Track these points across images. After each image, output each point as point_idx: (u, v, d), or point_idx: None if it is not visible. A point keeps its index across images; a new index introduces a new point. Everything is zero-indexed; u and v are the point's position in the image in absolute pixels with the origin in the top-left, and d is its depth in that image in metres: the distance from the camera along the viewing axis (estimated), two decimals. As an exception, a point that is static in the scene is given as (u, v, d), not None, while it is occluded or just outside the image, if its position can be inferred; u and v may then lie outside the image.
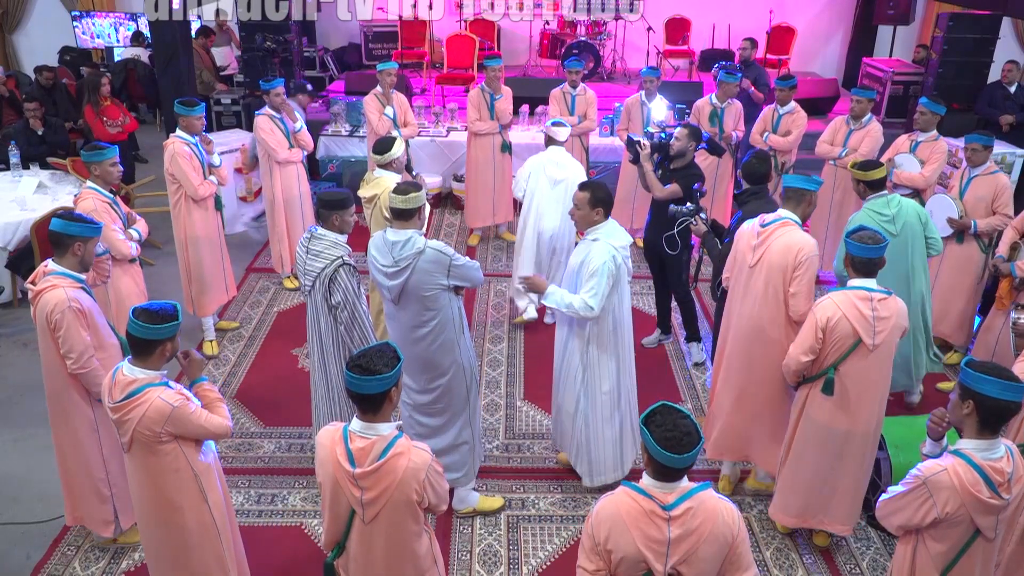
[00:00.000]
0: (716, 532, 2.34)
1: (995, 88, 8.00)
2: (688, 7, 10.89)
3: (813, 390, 3.66)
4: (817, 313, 3.51)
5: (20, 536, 4.05)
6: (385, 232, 3.70)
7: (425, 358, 3.76)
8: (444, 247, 3.68)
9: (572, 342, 4.06)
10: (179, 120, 5.39)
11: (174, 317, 2.95)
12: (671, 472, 2.34)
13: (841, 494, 3.77)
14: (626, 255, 3.97)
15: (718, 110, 6.79)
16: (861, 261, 3.47)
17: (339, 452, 2.60)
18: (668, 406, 2.37)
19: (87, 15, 11.28)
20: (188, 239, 5.47)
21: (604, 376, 4.06)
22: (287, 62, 8.44)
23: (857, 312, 3.45)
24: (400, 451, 2.60)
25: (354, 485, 2.59)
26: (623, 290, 4.00)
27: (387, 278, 3.67)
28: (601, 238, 3.92)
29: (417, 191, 3.66)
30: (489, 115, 7.00)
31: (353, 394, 2.58)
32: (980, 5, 8.13)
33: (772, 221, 3.91)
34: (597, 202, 3.94)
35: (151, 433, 2.89)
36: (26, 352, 5.63)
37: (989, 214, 5.24)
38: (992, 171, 5.30)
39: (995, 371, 2.58)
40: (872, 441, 3.72)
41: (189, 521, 3.07)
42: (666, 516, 2.32)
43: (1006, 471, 2.58)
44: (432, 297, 3.67)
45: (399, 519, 2.66)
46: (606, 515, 2.38)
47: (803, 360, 3.55)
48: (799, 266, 3.76)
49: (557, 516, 4.23)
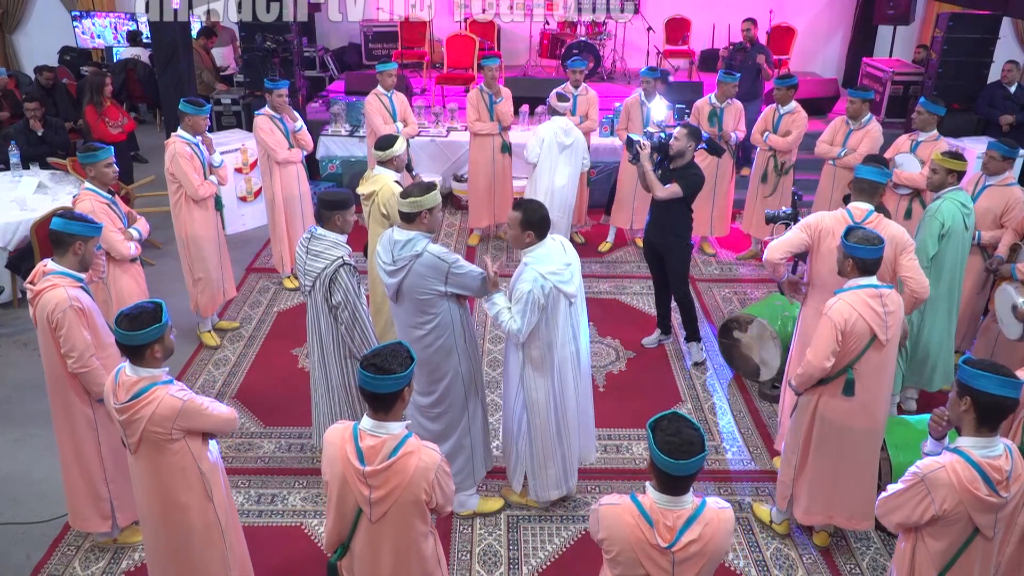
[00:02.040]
0: (718, 550, 2.43)
1: (995, 88, 8.00)
2: (688, 7, 10.89)
3: (825, 393, 3.65)
4: (833, 316, 3.47)
5: (20, 536, 4.05)
6: (393, 230, 3.70)
7: (423, 359, 3.75)
8: (446, 254, 3.63)
9: (512, 358, 3.92)
10: (184, 119, 5.38)
11: (156, 319, 2.90)
12: (673, 482, 2.36)
13: (865, 489, 3.78)
14: (561, 279, 3.68)
15: (717, 110, 6.79)
16: (872, 263, 3.48)
17: (349, 450, 2.60)
18: (678, 415, 2.40)
19: (87, 15, 11.29)
20: (189, 239, 5.47)
21: (540, 396, 3.88)
22: (287, 62, 8.43)
23: (871, 310, 3.45)
24: (411, 450, 2.60)
25: (363, 483, 2.59)
26: (559, 314, 3.75)
27: (387, 275, 3.68)
28: (531, 263, 3.67)
29: (421, 195, 3.61)
30: (489, 115, 7.00)
31: (366, 392, 2.59)
32: (980, 5, 8.13)
33: (868, 215, 3.94)
34: (528, 224, 3.67)
35: (162, 431, 2.90)
36: (26, 352, 5.63)
37: (997, 226, 5.06)
38: (1009, 183, 5.06)
39: (992, 368, 2.59)
40: (883, 431, 3.76)
41: (194, 520, 3.08)
42: (670, 555, 2.37)
43: (1004, 469, 2.58)
44: (428, 301, 3.65)
45: (406, 519, 2.66)
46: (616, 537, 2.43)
47: (826, 365, 3.51)
48: (907, 249, 3.90)
49: (557, 516, 4.23)
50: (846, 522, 3.87)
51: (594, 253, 7.36)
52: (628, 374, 5.54)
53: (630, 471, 4.58)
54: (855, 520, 3.85)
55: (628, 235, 7.59)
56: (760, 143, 6.80)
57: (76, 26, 11.21)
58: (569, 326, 3.84)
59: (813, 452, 3.77)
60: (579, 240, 7.54)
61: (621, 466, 4.62)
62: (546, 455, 3.98)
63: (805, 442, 3.78)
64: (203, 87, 9.14)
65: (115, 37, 11.38)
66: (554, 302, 3.71)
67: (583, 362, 4.00)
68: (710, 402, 5.27)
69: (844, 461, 3.71)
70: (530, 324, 3.66)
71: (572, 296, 3.78)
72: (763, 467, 4.64)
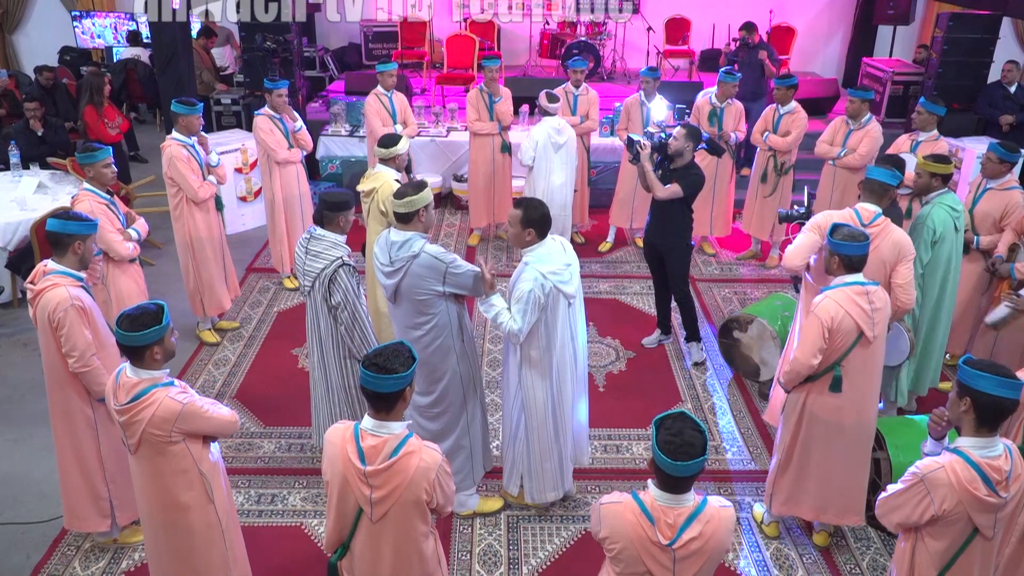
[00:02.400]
0: (719, 547, 2.44)
1: (995, 88, 8.00)
2: (688, 7, 10.89)
3: (812, 391, 3.66)
4: (820, 314, 3.49)
5: (20, 536, 4.05)
6: (390, 231, 3.70)
7: (422, 359, 3.74)
8: (443, 254, 3.63)
9: (510, 359, 3.91)
10: (177, 120, 5.34)
11: (157, 321, 2.89)
12: (673, 481, 2.38)
13: (856, 485, 3.79)
14: (561, 279, 3.67)
15: (717, 110, 6.79)
16: (858, 260, 3.49)
17: (350, 450, 2.60)
18: (685, 415, 2.42)
19: (87, 15, 11.29)
20: (192, 241, 5.45)
21: (538, 397, 3.87)
22: (287, 62, 8.43)
23: (857, 307, 3.47)
24: (412, 450, 2.61)
25: (364, 483, 2.60)
26: (559, 315, 3.74)
27: (384, 276, 3.67)
28: (531, 262, 3.66)
29: (415, 193, 3.60)
30: (488, 115, 7.00)
31: (368, 392, 2.59)
32: (980, 5, 8.13)
33: (876, 217, 3.95)
34: (529, 222, 3.65)
35: (162, 433, 2.90)
36: (26, 352, 5.63)
37: (996, 230, 5.01)
38: (1009, 186, 4.97)
39: (992, 368, 2.59)
40: (874, 427, 3.77)
41: (195, 521, 3.08)
42: (671, 552, 2.39)
43: (1004, 469, 2.58)
44: (426, 301, 3.64)
45: (407, 519, 2.67)
46: (617, 535, 2.43)
47: (813, 363, 3.53)
48: (907, 257, 3.97)
49: (557, 516, 4.23)
50: (835, 518, 3.88)
51: (594, 253, 7.36)
52: (628, 374, 5.54)
53: (630, 471, 4.58)
54: (846, 516, 3.86)
55: (628, 235, 7.59)
56: (760, 143, 6.80)
57: (76, 26, 11.22)
58: (568, 327, 3.83)
59: (800, 449, 3.78)
60: (579, 240, 7.54)
61: (621, 466, 4.62)
62: (543, 456, 3.98)
63: (792, 439, 3.80)
64: (203, 87, 9.14)
65: (115, 37, 11.38)
66: (554, 302, 3.70)
67: (580, 364, 3.98)
68: (710, 402, 5.27)
69: (834, 458, 3.72)
70: (530, 324, 3.65)
71: (571, 297, 3.77)
72: (763, 467, 4.63)
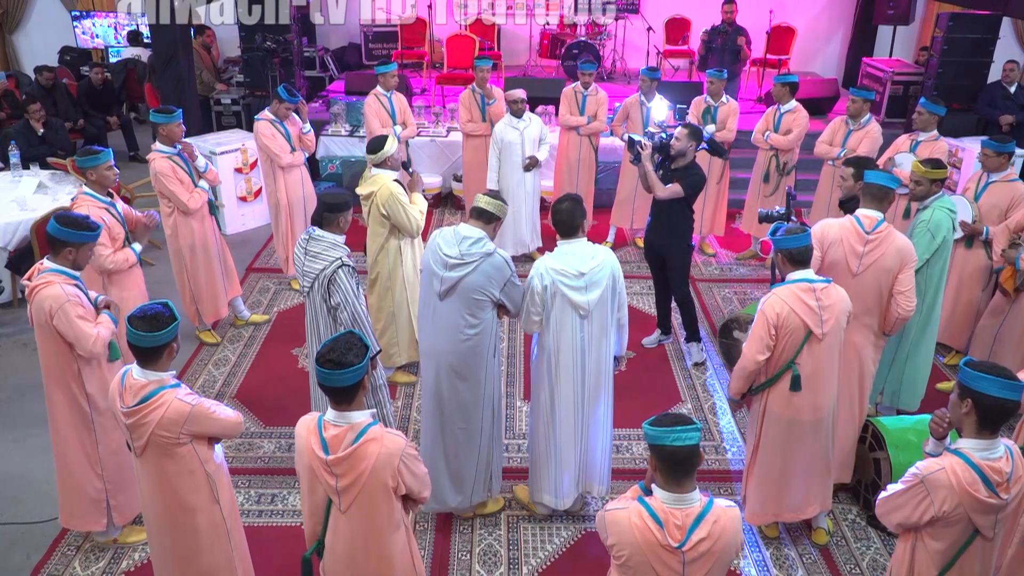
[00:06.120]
0: (727, 549, 2.43)
1: (995, 88, 8.00)
2: (688, 7, 10.89)
3: (773, 391, 3.68)
4: (766, 311, 3.53)
5: (20, 536, 4.05)
6: (458, 226, 3.72)
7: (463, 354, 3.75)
8: (511, 262, 3.71)
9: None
10: (158, 131, 5.17)
11: (172, 318, 2.95)
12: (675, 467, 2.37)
13: (819, 478, 3.84)
14: (565, 282, 3.64)
15: (711, 108, 6.80)
16: (797, 252, 3.52)
17: (313, 441, 2.63)
18: (682, 415, 2.43)
19: (87, 15, 11.29)
20: (187, 250, 5.42)
21: (540, 397, 3.90)
22: (287, 62, 8.44)
23: (803, 304, 3.48)
24: (373, 437, 2.62)
25: (328, 473, 2.62)
26: (566, 324, 3.70)
27: (445, 268, 3.63)
28: (547, 256, 3.73)
29: (496, 197, 3.72)
30: (481, 116, 7.01)
31: (326, 388, 2.61)
32: (980, 5, 8.13)
33: (879, 224, 3.92)
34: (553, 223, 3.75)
35: (170, 435, 2.90)
36: (26, 352, 5.63)
37: (1002, 221, 5.10)
38: (1011, 178, 5.13)
39: (994, 370, 2.58)
40: (832, 418, 3.78)
41: (201, 522, 3.09)
42: (680, 555, 2.38)
43: (1005, 471, 2.57)
44: (480, 304, 3.66)
45: (375, 507, 2.67)
46: (625, 541, 2.42)
47: (759, 359, 3.57)
48: (910, 264, 3.91)
49: (557, 516, 4.22)
50: (792, 515, 3.91)
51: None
52: (628, 374, 5.54)
53: (630, 471, 4.58)
54: (804, 511, 3.90)
55: (628, 235, 7.59)
56: (761, 143, 6.79)
57: (76, 26, 11.22)
58: (578, 342, 3.74)
59: (761, 449, 3.82)
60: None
61: (621, 466, 4.62)
62: (539, 457, 4.00)
63: (756, 440, 3.84)
64: (203, 87, 9.13)
65: (115, 37, 11.39)
66: (560, 306, 3.69)
67: (588, 384, 3.81)
68: (710, 402, 5.27)
69: (792, 455, 3.75)
70: (528, 313, 3.71)
71: (582, 308, 3.69)
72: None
